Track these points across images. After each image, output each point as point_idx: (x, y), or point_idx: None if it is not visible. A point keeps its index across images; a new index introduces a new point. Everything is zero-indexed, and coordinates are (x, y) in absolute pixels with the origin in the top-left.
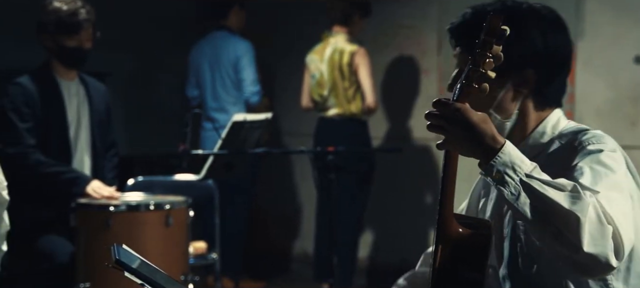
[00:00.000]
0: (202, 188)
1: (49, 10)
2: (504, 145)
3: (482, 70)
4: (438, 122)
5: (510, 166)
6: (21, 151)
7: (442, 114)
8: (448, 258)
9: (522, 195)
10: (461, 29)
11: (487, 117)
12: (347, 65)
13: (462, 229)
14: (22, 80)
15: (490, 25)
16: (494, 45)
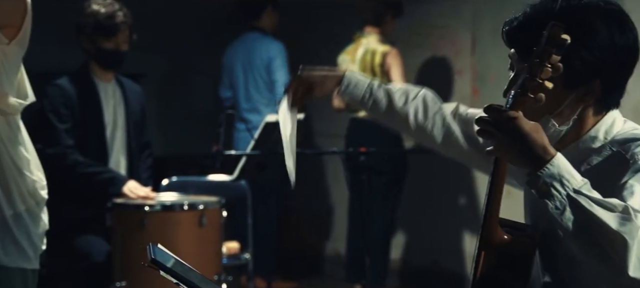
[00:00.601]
0: (235, 189)
1: (87, 13)
2: (554, 157)
3: (539, 80)
4: (488, 128)
5: (558, 179)
6: (60, 151)
7: (493, 120)
8: (491, 265)
9: (567, 210)
10: (517, 31)
11: (539, 127)
12: (379, 66)
13: (506, 236)
14: (61, 81)
15: (551, 35)
16: (553, 55)
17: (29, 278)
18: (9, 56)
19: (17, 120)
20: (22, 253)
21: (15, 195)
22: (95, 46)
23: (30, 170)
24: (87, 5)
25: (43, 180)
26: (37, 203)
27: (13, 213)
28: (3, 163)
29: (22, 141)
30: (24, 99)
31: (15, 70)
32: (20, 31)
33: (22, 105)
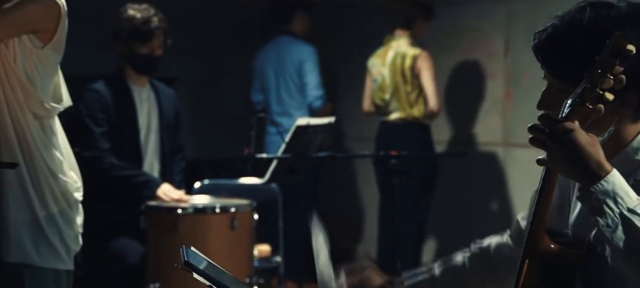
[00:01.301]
0: (266, 192)
1: (123, 18)
2: (610, 173)
3: (599, 91)
4: (542, 138)
5: (612, 196)
6: (96, 154)
7: (549, 130)
8: (534, 274)
9: (619, 229)
10: (546, 46)
11: (596, 141)
12: (409, 69)
13: (553, 245)
14: (97, 86)
15: (616, 45)
16: (616, 66)
17: (63, 279)
18: (44, 60)
19: (51, 123)
20: (55, 254)
21: (48, 196)
22: (130, 51)
23: (63, 172)
24: (123, 11)
25: (77, 182)
26: (70, 205)
27: (46, 214)
28: (36, 165)
29: (56, 144)
30: (59, 103)
31: (51, 75)
32: (54, 35)
33: (56, 109)
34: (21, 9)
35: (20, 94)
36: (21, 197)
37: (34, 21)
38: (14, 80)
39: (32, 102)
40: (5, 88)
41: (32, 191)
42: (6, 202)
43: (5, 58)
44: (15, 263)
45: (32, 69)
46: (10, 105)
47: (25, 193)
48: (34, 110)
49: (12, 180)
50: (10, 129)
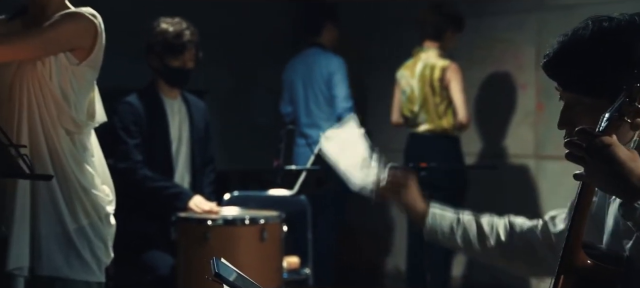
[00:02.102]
0: (295, 204)
1: (156, 32)
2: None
3: (638, 105)
4: (580, 153)
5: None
6: (130, 166)
7: (586, 145)
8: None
9: None
10: (554, 65)
11: (636, 155)
12: (438, 81)
13: (590, 260)
14: (130, 99)
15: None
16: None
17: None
18: (79, 77)
19: (83, 139)
20: (85, 267)
21: (79, 210)
22: (162, 64)
23: (95, 186)
24: (156, 25)
25: (110, 196)
26: (101, 218)
27: (76, 227)
28: (67, 179)
29: (88, 158)
30: (92, 119)
31: (86, 91)
32: (91, 53)
33: (89, 125)
34: (58, 28)
35: (54, 110)
36: (52, 210)
37: (71, 40)
38: (49, 97)
39: (64, 119)
40: (39, 104)
41: (63, 205)
42: (38, 215)
43: (41, 75)
44: (46, 276)
45: (66, 85)
46: (43, 120)
47: (56, 207)
48: (66, 126)
49: (44, 194)
50: (43, 144)
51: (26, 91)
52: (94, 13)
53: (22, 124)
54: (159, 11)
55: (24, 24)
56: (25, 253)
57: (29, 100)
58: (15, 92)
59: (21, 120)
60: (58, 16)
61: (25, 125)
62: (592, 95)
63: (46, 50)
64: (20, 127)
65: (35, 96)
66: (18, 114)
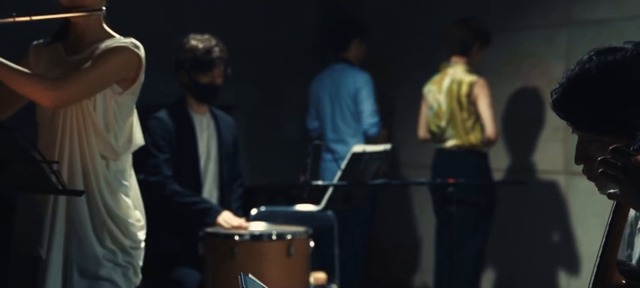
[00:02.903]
0: (322, 219)
1: (186, 48)
2: None
3: None
4: (615, 172)
5: None
6: (160, 181)
7: (621, 164)
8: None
9: None
10: (562, 104)
11: None
12: (465, 96)
13: (625, 280)
14: (160, 114)
15: None
16: None
17: None
18: (121, 105)
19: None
20: None
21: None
22: (191, 80)
23: (127, 213)
24: (185, 41)
25: (141, 221)
26: (131, 243)
27: (107, 252)
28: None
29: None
30: (130, 144)
31: (127, 118)
32: (134, 83)
33: (126, 151)
34: (102, 66)
35: (94, 138)
36: (83, 235)
37: (115, 75)
38: (90, 126)
39: (103, 146)
40: (80, 134)
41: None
42: (70, 239)
43: (85, 106)
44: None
45: (109, 115)
46: (82, 149)
47: (87, 232)
48: (104, 153)
49: (75, 220)
50: (79, 170)
51: (69, 119)
52: (136, 44)
53: (63, 152)
54: (189, 28)
55: (66, 48)
56: (59, 277)
57: (71, 130)
58: (59, 118)
59: (63, 149)
60: (104, 51)
61: (66, 153)
62: (605, 133)
63: (94, 89)
64: (62, 155)
65: (77, 124)
66: (60, 139)
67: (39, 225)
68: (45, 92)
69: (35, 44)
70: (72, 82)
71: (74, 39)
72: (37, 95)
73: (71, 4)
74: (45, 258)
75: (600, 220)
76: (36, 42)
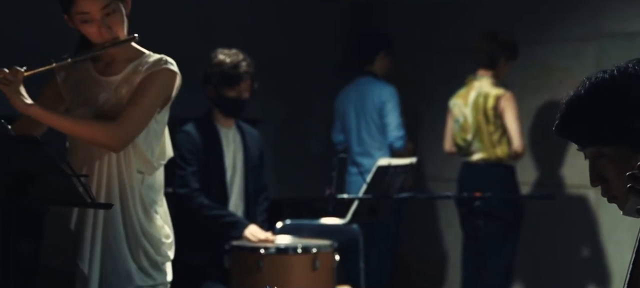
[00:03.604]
0: (347, 233)
1: (213, 62)
2: None
3: None
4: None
5: None
6: (188, 193)
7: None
8: None
9: None
10: (562, 130)
11: None
12: (492, 109)
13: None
14: (188, 128)
15: None
16: None
17: None
18: (160, 122)
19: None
20: None
21: (142, 250)
22: (218, 94)
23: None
24: (213, 56)
25: (170, 238)
26: (162, 259)
27: (137, 266)
28: (133, 219)
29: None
30: (164, 158)
31: (162, 132)
32: (170, 100)
33: (160, 164)
34: (149, 95)
35: (131, 155)
36: (117, 249)
37: (161, 98)
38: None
39: (140, 161)
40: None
41: (127, 244)
42: (104, 254)
43: None
44: None
45: (150, 134)
46: (119, 163)
47: (121, 246)
48: (139, 167)
49: (110, 234)
50: (116, 185)
51: None
52: (169, 60)
53: (102, 166)
54: (216, 42)
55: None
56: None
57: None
58: None
59: (102, 163)
60: (145, 80)
61: (105, 166)
62: (607, 144)
63: (149, 120)
64: (101, 170)
65: None
66: (99, 161)
67: (78, 240)
68: (111, 137)
69: (55, 64)
70: (130, 121)
71: (107, 60)
72: (102, 140)
73: (101, 39)
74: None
75: (632, 235)
76: (59, 63)
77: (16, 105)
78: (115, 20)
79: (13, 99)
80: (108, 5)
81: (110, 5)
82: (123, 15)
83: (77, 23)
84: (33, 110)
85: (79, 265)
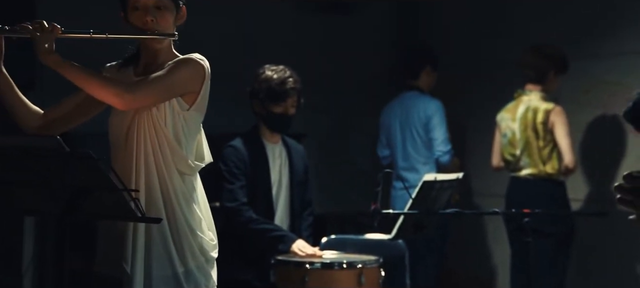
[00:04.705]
0: (393, 248)
1: (261, 79)
2: None
3: None
4: (628, 197)
5: None
6: (236, 207)
7: (633, 189)
8: None
9: None
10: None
11: None
12: (541, 124)
13: None
14: (235, 143)
15: None
16: None
17: None
18: (189, 121)
19: (192, 180)
20: None
21: (188, 252)
22: (265, 110)
23: (202, 230)
24: (260, 72)
25: (214, 240)
26: (207, 261)
27: (184, 270)
28: (178, 222)
29: (196, 200)
30: (201, 161)
31: (195, 134)
32: (198, 97)
33: (199, 166)
34: (174, 74)
35: (169, 153)
36: (163, 252)
37: (183, 85)
38: (163, 141)
39: (178, 160)
40: (154, 148)
41: (173, 247)
42: (150, 257)
43: (157, 120)
44: None
45: (178, 130)
46: (157, 164)
47: (167, 249)
48: (179, 168)
49: (156, 237)
50: (157, 187)
51: (143, 137)
52: (202, 58)
53: (140, 168)
54: (262, 58)
55: (136, 71)
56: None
57: (145, 144)
58: (133, 137)
59: (139, 165)
60: (172, 63)
61: (143, 169)
62: None
63: (164, 96)
64: (139, 171)
65: (150, 141)
66: (135, 158)
67: (121, 241)
68: (118, 94)
69: (108, 65)
70: (143, 87)
71: (145, 63)
72: (110, 97)
73: (144, 26)
74: (130, 273)
75: None
76: (109, 64)
77: (39, 51)
78: (164, 16)
79: (39, 45)
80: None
81: (164, 1)
82: (173, 17)
83: (130, 14)
84: (53, 58)
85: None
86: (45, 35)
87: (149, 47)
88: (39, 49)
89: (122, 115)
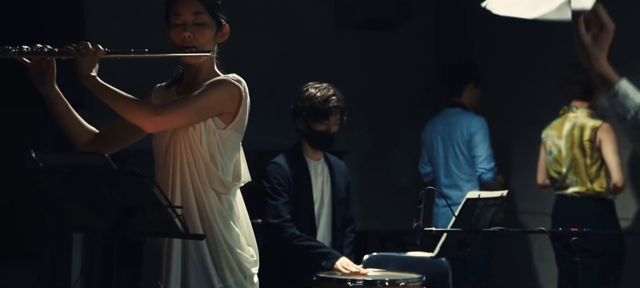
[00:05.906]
0: (436, 266)
1: (304, 97)
2: None
3: None
4: None
5: None
6: (280, 224)
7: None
8: None
9: None
10: None
11: None
12: (588, 142)
13: None
14: (278, 159)
15: None
16: None
17: None
18: (225, 140)
19: (229, 198)
20: None
21: (226, 269)
22: (308, 127)
23: (240, 246)
24: (304, 90)
25: (254, 256)
26: (245, 277)
27: (223, 286)
28: (215, 238)
29: (234, 218)
30: (237, 180)
31: (232, 154)
32: (236, 117)
33: (236, 185)
34: (208, 95)
35: (204, 172)
36: (201, 269)
37: (216, 107)
38: (199, 160)
39: (213, 180)
40: (190, 167)
41: (211, 264)
42: (188, 274)
43: (193, 139)
44: None
45: (214, 148)
46: (194, 182)
47: (205, 266)
48: (215, 187)
49: (193, 254)
50: (194, 205)
51: (179, 155)
52: (239, 79)
53: (175, 185)
54: (302, 74)
55: (178, 91)
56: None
57: (181, 163)
58: (170, 156)
59: (175, 182)
60: (207, 84)
61: (178, 186)
62: None
63: (198, 117)
64: (174, 188)
65: (187, 159)
66: (172, 176)
67: (157, 258)
68: (147, 116)
69: (157, 86)
70: (172, 109)
71: (187, 81)
72: (139, 119)
73: (182, 43)
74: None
75: None
76: (159, 85)
77: (79, 72)
78: (203, 32)
79: (80, 67)
80: (200, 15)
81: (202, 16)
82: (213, 34)
83: (171, 30)
84: (91, 80)
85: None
86: (88, 57)
87: (188, 65)
88: (80, 70)
89: (162, 133)
